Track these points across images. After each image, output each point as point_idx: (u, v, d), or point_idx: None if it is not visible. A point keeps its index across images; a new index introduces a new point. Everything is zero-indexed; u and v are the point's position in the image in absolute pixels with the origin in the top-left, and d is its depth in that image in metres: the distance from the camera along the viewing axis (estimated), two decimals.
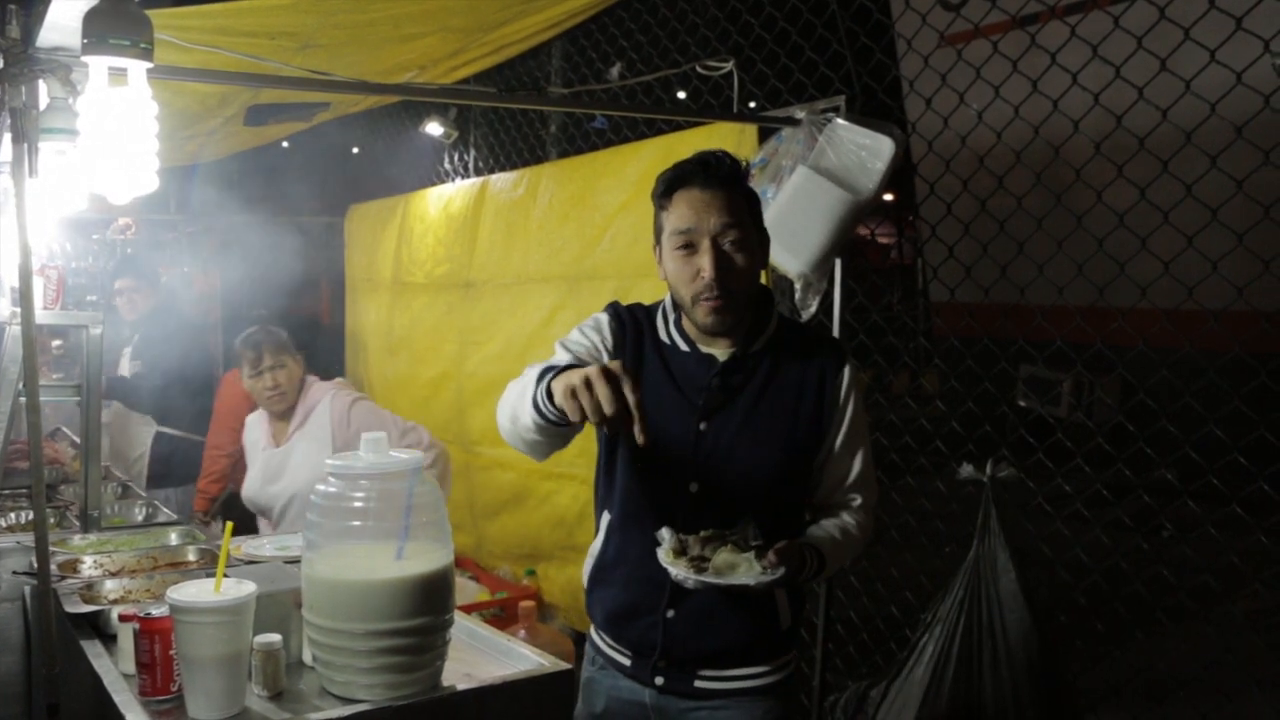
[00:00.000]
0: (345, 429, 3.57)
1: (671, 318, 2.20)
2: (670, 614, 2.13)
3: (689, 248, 2.06)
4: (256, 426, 3.82)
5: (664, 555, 1.95)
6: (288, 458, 3.64)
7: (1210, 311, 3.38)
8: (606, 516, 2.22)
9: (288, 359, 3.64)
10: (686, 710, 2.18)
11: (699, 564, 1.91)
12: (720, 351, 2.14)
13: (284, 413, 3.68)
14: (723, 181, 2.08)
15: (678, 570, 1.91)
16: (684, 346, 2.16)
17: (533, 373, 1.89)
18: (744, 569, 1.92)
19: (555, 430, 1.86)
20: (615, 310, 2.22)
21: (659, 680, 2.17)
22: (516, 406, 1.91)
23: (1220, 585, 3.24)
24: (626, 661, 2.21)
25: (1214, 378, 3.26)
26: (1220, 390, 3.20)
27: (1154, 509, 3.46)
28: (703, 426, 2.10)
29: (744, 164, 2.15)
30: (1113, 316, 3.67)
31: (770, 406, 2.12)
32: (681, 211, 2.07)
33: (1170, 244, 3.26)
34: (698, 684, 2.16)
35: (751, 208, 2.14)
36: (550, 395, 1.76)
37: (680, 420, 2.11)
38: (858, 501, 2.21)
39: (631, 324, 2.20)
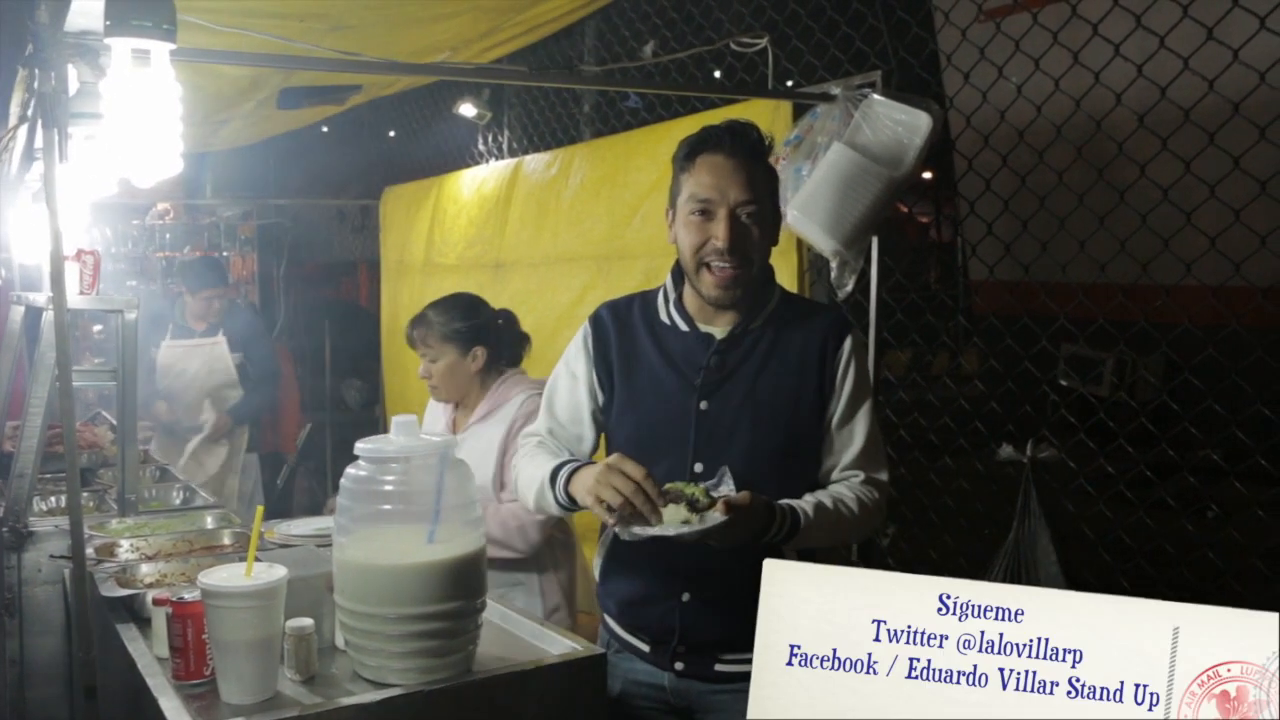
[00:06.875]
0: (514, 439, 2.96)
1: (672, 297, 2.19)
2: (686, 598, 2.13)
3: (705, 215, 2.06)
4: (441, 414, 3.28)
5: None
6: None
7: (1258, 288, 3.29)
8: None
9: (447, 350, 3.08)
10: (707, 693, 2.17)
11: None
12: (720, 329, 2.14)
13: (463, 402, 3.18)
14: (748, 153, 2.08)
15: (624, 530, 1.90)
16: (684, 326, 2.17)
17: (540, 461, 2.18)
18: (669, 517, 1.87)
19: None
20: (594, 317, 2.25)
21: (678, 665, 2.17)
22: (540, 501, 2.15)
23: (1269, 569, 3.16)
24: (645, 648, 2.21)
25: (1263, 355, 3.17)
26: (1269, 368, 3.11)
27: (1199, 490, 3.37)
28: (704, 405, 2.10)
29: (768, 139, 2.15)
30: (1156, 293, 3.59)
31: (771, 382, 2.11)
32: (702, 178, 2.06)
33: (1216, 219, 3.18)
34: (718, 668, 2.16)
35: (770, 183, 2.14)
36: (570, 495, 2.04)
37: (680, 400, 2.12)
38: (860, 477, 2.14)
39: (614, 322, 2.22)
